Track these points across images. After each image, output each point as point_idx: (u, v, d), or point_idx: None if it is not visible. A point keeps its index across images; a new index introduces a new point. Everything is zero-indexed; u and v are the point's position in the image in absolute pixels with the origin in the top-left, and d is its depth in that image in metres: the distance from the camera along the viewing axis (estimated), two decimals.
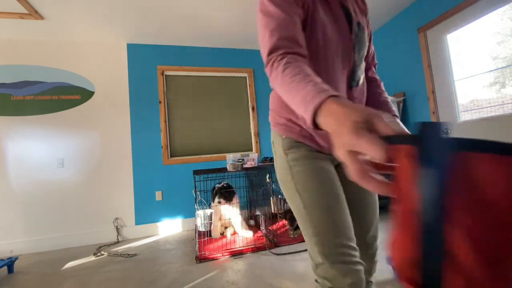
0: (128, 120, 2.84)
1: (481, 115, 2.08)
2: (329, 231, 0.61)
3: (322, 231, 0.61)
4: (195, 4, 2.32)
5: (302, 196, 0.65)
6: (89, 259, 2.16)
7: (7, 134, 2.51)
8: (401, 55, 2.75)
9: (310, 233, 0.62)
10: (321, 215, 0.62)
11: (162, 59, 3.02)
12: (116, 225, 2.69)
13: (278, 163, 0.73)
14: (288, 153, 0.69)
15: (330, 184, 0.65)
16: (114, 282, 1.68)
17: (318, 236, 0.61)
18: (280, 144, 0.72)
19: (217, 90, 3.24)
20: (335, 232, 0.61)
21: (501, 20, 1.91)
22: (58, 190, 2.58)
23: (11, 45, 2.59)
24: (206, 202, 2.61)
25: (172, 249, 2.26)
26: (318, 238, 0.61)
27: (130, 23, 2.55)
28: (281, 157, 0.71)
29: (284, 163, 0.70)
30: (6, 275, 1.92)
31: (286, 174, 0.69)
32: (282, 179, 0.71)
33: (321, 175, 0.66)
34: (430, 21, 2.38)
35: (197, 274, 1.69)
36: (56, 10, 2.23)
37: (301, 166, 0.67)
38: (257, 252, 1.99)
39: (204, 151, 3.11)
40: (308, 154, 0.67)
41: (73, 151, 2.66)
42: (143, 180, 2.82)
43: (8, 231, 2.44)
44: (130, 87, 2.88)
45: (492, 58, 1.98)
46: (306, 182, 0.65)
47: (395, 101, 2.70)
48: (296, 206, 0.66)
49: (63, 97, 2.68)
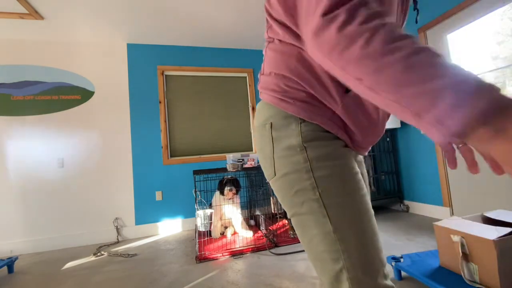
0: (128, 120, 2.84)
1: None
2: (370, 264, 0.44)
3: (360, 263, 0.44)
4: (195, 4, 2.32)
5: (331, 213, 0.45)
6: (89, 259, 2.16)
7: (7, 134, 2.51)
8: None
9: (341, 266, 0.44)
10: (359, 243, 0.44)
11: (162, 59, 3.02)
12: (116, 225, 2.69)
13: (284, 158, 0.49)
14: (308, 147, 0.47)
15: (366, 197, 0.49)
16: (114, 282, 1.68)
17: (354, 271, 0.43)
18: (294, 129, 0.48)
19: (217, 90, 3.24)
20: (377, 265, 0.45)
21: (501, 20, 1.91)
22: (58, 190, 2.58)
23: (11, 45, 2.59)
24: (206, 202, 2.61)
25: (172, 249, 2.26)
26: (355, 274, 0.43)
27: (130, 23, 2.55)
28: (293, 149, 0.48)
29: (298, 159, 0.47)
30: (6, 275, 1.92)
31: (301, 179, 0.47)
32: (290, 185, 0.48)
33: (358, 184, 0.48)
34: (430, 21, 2.38)
35: (197, 274, 1.69)
36: (56, 10, 2.23)
37: (330, 169, 0.46)
38: (257, 252, 1.99)
39: (204, 151, 3.11)
40: (339, 152, 0.48)
41: (73, 151, 2.66)
42: (143, 180, 2.82)
43: (8, 231, 2.44)
44: (130, 87, 2.88)
45: (492, 58, 1.98)
46: (338, 195, 0.46)
47: None
48: (318, 226, 0.46)
49: (63, 97, 2.68)
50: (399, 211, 2.85)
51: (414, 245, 1.86)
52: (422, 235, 2.04)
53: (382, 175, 2.97)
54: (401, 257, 1.44)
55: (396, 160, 2.89)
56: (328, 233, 0.45)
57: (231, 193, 2.34)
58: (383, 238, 2.05)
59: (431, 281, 1.17)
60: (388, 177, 2.99)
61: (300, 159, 0.47)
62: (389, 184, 2.98)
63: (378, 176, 2.92)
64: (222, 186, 2.39)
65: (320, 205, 0.46)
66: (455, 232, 1.22)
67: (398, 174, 2.89)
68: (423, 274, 1.25)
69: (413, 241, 1.93)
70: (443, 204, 2.39)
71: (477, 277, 1.12)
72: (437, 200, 2.46)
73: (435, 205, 2.48)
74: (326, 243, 0.45)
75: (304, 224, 0.48)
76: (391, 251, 1.80)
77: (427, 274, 1.25)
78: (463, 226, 1.23)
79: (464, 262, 1.17)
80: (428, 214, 2.55)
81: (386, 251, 1.80)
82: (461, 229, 1.21)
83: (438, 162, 2.42)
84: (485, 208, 2.04)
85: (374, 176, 2.97)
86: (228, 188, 2.33)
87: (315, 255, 0.47)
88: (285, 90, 0.49)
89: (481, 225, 1.20)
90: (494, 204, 1.99)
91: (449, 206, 2.35)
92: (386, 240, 2.01)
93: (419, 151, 2.63)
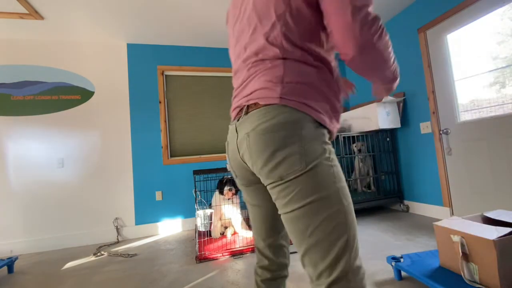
0: (128, 120, 2.84)
1: (481, 115, 2.09)
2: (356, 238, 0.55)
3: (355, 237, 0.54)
4: (196, 4, 2.32)
5: (345, 199, 0.54)
6: (89, 259, 2.16)
7: (7, 134, 2.51)
8: (401, 55, 2.75)
9: (345, 240, 0.51)
10: (354, 223, 0.55)
11: (162, 59, 3.03)
12: (116, 225, 2.69)
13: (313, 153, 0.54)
14: (327, 147, 0.57)
15: None
16: (114, 282, 1.68)
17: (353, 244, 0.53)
18: (321, 133, 0.57)
19: (217, 90, 3.24)
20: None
21: (501, 20, 1.91)
22: (58, 190, 2.58)
23: (11, 45, 2.59)
24: (206, 202, 2.61)
25: (172, 249, 2.26)
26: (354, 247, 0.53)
27: (130, 23, 2.55)
28: (321, 148, 0.55)
29: (326, 156, 0.55)
30: (6, 275, 1.92)
31: (328, 174, 0.54)
32: (321, 178, 0.53)
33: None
34: (430, 21, 2.38)
35: (197, 274, 1.69)
36: (56, 10, 2.23)
37: (337, 163, 0.57)
38: None
39: (204, 151, 3.11)
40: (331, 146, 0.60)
41: (73, 151, 2.66)
42: (143, 180, 2.82)
43: (8, 231, 2.44)
44: (130, 87, 2.88)
45: (492, 58, 1.98)
46: (345, 184, 0.56)
47: (395, 101, 2.70)
48: (335, 211, 0.52)
49: (63, 97, 2.68)
50: (399, 211, 2.85)
51: (414, 245, 1.86)
52: (422, 235, 2.04)
53: (382, 175, 2.97)
54: (401, 257, 1.44)
55: (396, 160, 2.89)
56: (341, 216, 0.53)
57: (230, 192, 2.34)
58: (383, 238, 2.05)
59: (431, 281, 1.17)
60: (388, 177, 2.99)
61: (326, 155, 0.55)
62: (389, 184, 2.98)
63: (378, 176, 2.92)
64: (221, 185, 2.39)
65: (339, 193, 0.54)
66: (455, 232, 1.22)
67: (398, 174, 2.89)
68: (423, 274, 1.25)
69: (413, 241, 1.93)
70: (443, 204, 2.39)
71: (477, 277, 1.12)
72: (437, 200, 2.47)
73: (435, 205, 2.48)
74: (340, 224, 0.52)
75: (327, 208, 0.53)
76: (391, 251, 1.80)
77: (427, 274, 1.25)
78: (463, 226, 1.23)
79: (464, 262, 1.17)
80: (428, 214, 2.55)
81: (386, 251, 1.80)
82: (461, 229, 1.21)
83: (438, 162, 2.42)
84: (485, 208, 2.04)
85: (374, 176, 2.97)
86: (227, 187, 2.33)
87: (330, 228, 0.53)
88: (316, 101, 0.58)
89: (481, 225, 1.20)
90: (494, 204, 1.99)
91: (449, 206, 2.35)
92: (386, 240, 2.01)
93: (419, 151, 2.63)
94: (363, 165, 3.01)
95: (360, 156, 2.99)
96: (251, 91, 0.61)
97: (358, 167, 3.04)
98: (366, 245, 1.96)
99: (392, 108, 2.72)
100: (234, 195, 2.37)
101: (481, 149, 2.07)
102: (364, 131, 2.86)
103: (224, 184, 2.36)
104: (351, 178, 3.06)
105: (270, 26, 0.59)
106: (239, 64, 0.68)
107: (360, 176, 3.03)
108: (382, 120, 2.64)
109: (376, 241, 2.01)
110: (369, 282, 1.42)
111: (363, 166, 3.01)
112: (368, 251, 1.83)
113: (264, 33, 0.60)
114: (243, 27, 0.67)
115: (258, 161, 0.56)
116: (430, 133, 2.48)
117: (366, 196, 2.81)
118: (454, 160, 2.29)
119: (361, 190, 3.09)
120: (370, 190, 3.03)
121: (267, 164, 0.55)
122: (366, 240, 2.05)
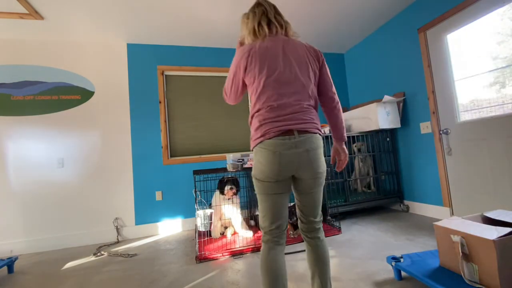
0: (128, 120, 2.84)
1: (481, 115, 2.09)
2: None
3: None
4: (196, 4, 2.32)
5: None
6: (89, 259, 2.17)
7: (7, 134, 2.51)
8: (401, 55, 2.75)
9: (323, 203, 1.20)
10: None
11: (162, 59, 3.03)
12: (116, 225, 2.69)
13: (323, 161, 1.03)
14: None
15: None
16: (114, 282, 1.68)
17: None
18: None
19: (217, 90, 3.24)
20: None
21: (501, 20, 1.91)
22: (58, 190, 2.58)
23: (11, 45, 2.59)
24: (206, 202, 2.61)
25: (172, 249, 2.26)
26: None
27: (130, 23, 2.55)
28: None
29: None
30: (6, 275, 1.92)
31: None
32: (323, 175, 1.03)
33: None
34: (430, 21, 2.38)
35: (197, 274, 1.69)
36: (56, 10, 2.23)
37: None
38: (257, 252, 1.99)
39: (204, 151, 3.11)
40: None
41: (73, 151, 2.66)
42: (143, 180, 2.82)
43: (8, 231, 2.44)
44: (130, 87, 2.88)
45: (492, 58, 1.98)
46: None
47: (395, 101, 2.70)
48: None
49: (63, 97, 2.68)
50: (399, 211, 2.85)
51: (414, 245, 1.86)
52: (422, 235, 2.04)
53: (382, 175, 2.97)
54: (401, 257, 1.45)
55: (396, 160, 2.89)
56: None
57: (231, 192, 2.34)
58: (383, 238, 2.05)
59: (431, 281, 1.17)
60: (388, 177, 2.99)
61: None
62: (389, 184, 2.98)
63: (378, 176, 2.92)
64: (222, 185, 2.39)
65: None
66: (455, 232, 1.22)
67: (398, 174, 2.89)
68: (423, 274, 1.25)
69: (413, 241, 1.93)
70: (443, 204, 2.39)
71: (477, 277, 1.12)
72: (437, 200, 2.47)
73: (435, 205, 2.48)
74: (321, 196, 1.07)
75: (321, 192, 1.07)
76: (391, 251, 1.80)
77: (427, 274, 1.25)
78: (463, 226, 1.23)
79: (464, 262, 1.17)
80: (428, 214, 2.55)
81: (386, 251, 1.80)
82: (461, 229, 1.21)
83: (438, 162, 2.42)
84: (485, 208, 2.04)
85: (374, 176, 2.97)
86: (228, 187, 2.33)
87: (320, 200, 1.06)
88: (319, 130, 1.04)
89: (481, 225, 1.20)
90: (494, 204, 1.99)
91: (449, 206, 2.35)
92: (386, 240, 2.01)
93: (419, 151, 2.63)
94: (363, 165, 3.01)
95: (360, 156, 2.99)
96: (302, 121, 0.99)
97: (358, 167, 3.04)
98: (366, 245, 1.96)
99: (392, 108, 2.72)
100: (234, 195, 2.37)
101: (481, 149, 2.07)
102: (364, 131, 2.86)
103: (225, 184, 2.36)
104: (351, 178, 3.06)
105: (310, 89, 1.04)
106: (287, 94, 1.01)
107: (360, 176, 3.03)
108: (382, 120, 2.64)
109: (376, 241, 2.01)
110: (369, 282, 1.42)
111: (363, 166, 3.01)
112: (368, 251, 1.83)
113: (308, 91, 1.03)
114: (289, 79, 1.00)
115: (314, 163, 0.97)
116: (430, 133, 2.48)
117: (366, 196, 2.81)
118: (454, 160, 2.29)
119: (361, 190, 3.09)
120: (370, 190, 3.03)
121: (319, 165, 0.98)
122: (366, 240, 2.05)
